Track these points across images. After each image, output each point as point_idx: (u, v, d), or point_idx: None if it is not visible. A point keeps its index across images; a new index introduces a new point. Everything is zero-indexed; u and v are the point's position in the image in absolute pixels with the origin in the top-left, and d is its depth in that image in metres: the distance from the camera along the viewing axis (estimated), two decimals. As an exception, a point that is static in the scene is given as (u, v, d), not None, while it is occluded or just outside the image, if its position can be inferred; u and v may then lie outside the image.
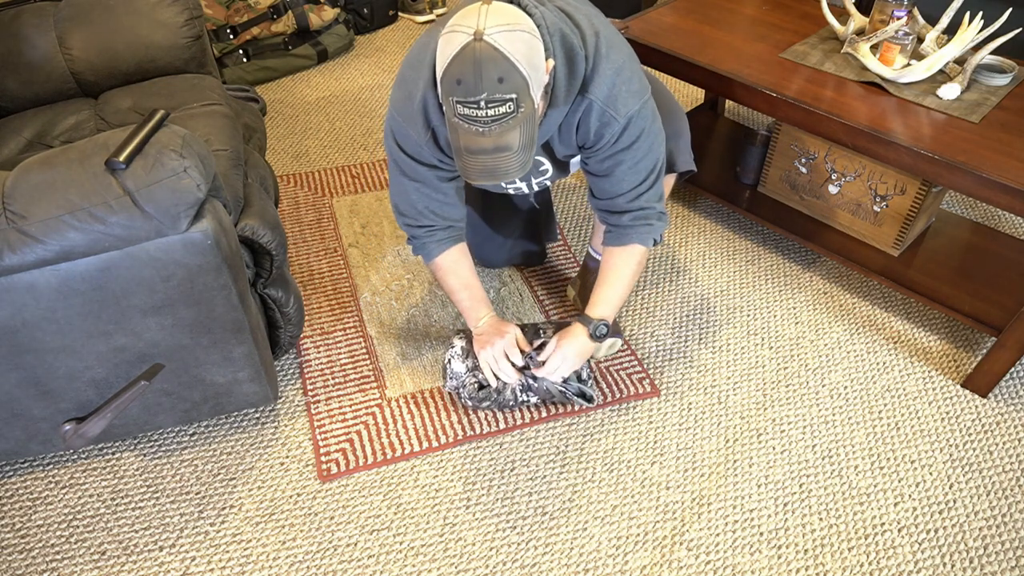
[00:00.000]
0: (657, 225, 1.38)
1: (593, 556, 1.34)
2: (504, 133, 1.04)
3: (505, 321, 1.48)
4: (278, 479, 1.46)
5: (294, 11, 2.74)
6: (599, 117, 1.22)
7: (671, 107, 1.50)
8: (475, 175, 1.10)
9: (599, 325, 1.39)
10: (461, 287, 1.46)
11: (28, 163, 1.09)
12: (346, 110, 2.59)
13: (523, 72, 1.01)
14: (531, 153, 1.10)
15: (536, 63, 1.04)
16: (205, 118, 1.56)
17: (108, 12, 1.70)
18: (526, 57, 1.02)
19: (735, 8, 1.99)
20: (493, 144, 1.05)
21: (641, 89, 1.25)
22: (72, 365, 1.22)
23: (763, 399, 1.60)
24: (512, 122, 1.03)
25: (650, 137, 1.28)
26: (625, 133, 1.24)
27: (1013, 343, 1.48)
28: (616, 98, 1.21)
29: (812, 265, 1.94)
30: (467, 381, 1.50)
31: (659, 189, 1.36)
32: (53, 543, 1.36)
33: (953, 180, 1.43)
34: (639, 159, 1.29)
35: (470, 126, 1.04)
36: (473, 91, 1.00)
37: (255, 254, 1.41)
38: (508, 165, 1.08)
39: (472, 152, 1.07)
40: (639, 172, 1.31)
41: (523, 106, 1.03)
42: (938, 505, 1.41)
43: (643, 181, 1.32)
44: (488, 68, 0.99)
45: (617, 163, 1.29)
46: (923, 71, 1.59)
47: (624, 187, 1.32)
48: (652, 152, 1.30)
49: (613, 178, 1.32)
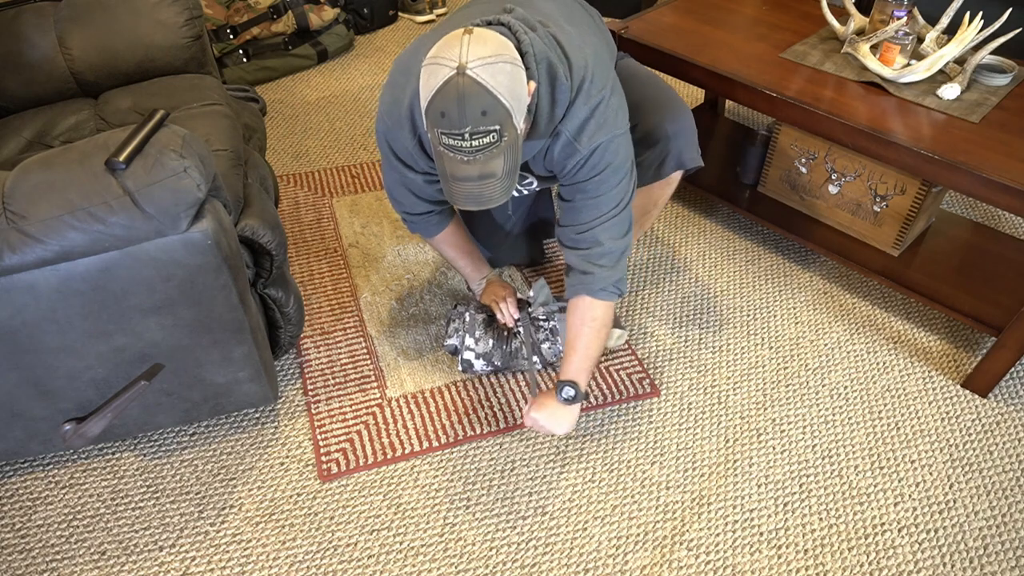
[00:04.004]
0: (600, 273, 1.32)
1: (593, 556, 1.34)
2: (488, 161, 1.07)
3: (506, 283, 1.64)
4: (278, 479, 1.46)
5: (294, 11, 2.74)
6: (564, 147, 1.23)
7: (674, 103, 1.49)
8: (461, 201, 1.13)
9: (563, 387, 1.34)
10: (461, 255, 1.62)
11: (28, 163, 1.09)
12: (346, 110, 2.59)
13: (505, 104, 1.03)
14: (514, 179, 1.13)
15: (518, 92, 1.05)
16: (205, 118, 1.56)
17: (108, 12, 1.70)
18: (508, 89, 1.03)
19: (735, 8, 1.99)
20: (478, 172, 1.08)
21: (614, 125, 1.24)
22: (72, 365, 1.22)
23: (763, 399, 1.60)
24: (496, 151, 1.06)
25: (617, 174, 1.26)
26: (587, 163, 1.24)
27: (1013, 343, 1.48)
28: (582, 130, 1.21)
29: (812, 265, 1.94)
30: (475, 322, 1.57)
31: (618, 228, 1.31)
32: (53, 543, 1.36)
33: (953, 180, 1.43)
34: (600, 193, 1.27)
35: (455, 155, 1.06)
36: (457, 124, 1.02)
37: (255, 254, 1.41)
38: (492, 192, 1.11)
39: (458, 179, 1.10)
40: (599, 207, 1.28)
41: (506, 135, 1.05)
42: (938, 505, 1.41)
43: (602, 216, 1.29)
44: (471, 102, 1.01)
45: (578, 191, 1.29)
46: (923, 71, 1.59)
47: (582, 218, 1.30)
48: (617, 189, 1.27)
49: (573, 205, 1.31)
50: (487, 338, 1.57)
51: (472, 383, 1.62)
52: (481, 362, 1.58)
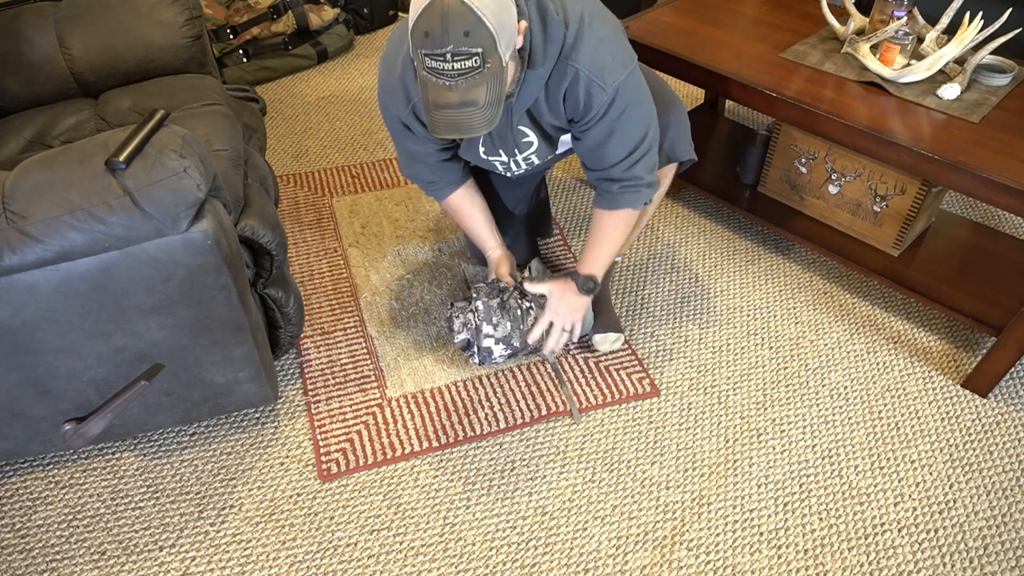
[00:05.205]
0: (645, 192, 1.41)
1: (593, 556, 1.34)
2: (470, 88, 1.07)
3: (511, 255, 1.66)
4: (278, 479, 1.46)
5: (294, 11, 2.74)
6: (587, 87, 1.24)
7: (668, 98, 1.51)
8: (442, 129, 1.13)
9: (586, 281, 1.48)
10: (471, 221, 1.62)
11: (28, 163, 1.09)
12: (346, 110, 2.59)
13: (490, 28, 1.03)
14: (498, 110, 1.13)
15: (504, 21, 1.06)
16: (205, 118, 1.56)
17: (108, 12, 1.70)
18: (494, 13, 1.04)
19: (735, 8, 1.99)
20: (459, 99, 1.08)
21: (626, 59, 1.27)
22: (72, 365, 1.22)
23: (763, 399, 1.60)
24: (478, 78, 1.06)
25: (639, 108, 1.31)
26: (613, 104, 1.26)
27: (1013, 343, 1.48)
28: (603, 68, 1.23)
29: (812, 265, 1.94)
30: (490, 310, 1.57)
31: (650, 160, 1.38)
32: (53, 543, 1.36)
33: (953, 180, 1.43)
34: (628, 129, 1.31)
35: (437, 80, 1.07)
36: (440, 43, 1.03)
37: (255, 254, 1.41)
38: (473, 120, 1.11)
39: (439, 107, 1.10)
40: (629, 143, 1.33)
41: (489, 61, 1.06)
42: (938, 505, 1.41)
43: (633, 151, 1.34)
44: (455, 21, 1.01)
45: (607, 133, 1.31)
46: (923, 71, 1.59)
47: (615, 158, 1.35)
48: (641, 122, 1.32)
49: (604, 149, 1.34)
50: (504, 322, 1.56)
51: (472, 383, 1.62)
52: (501, 347, 1.55)
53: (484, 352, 1.56)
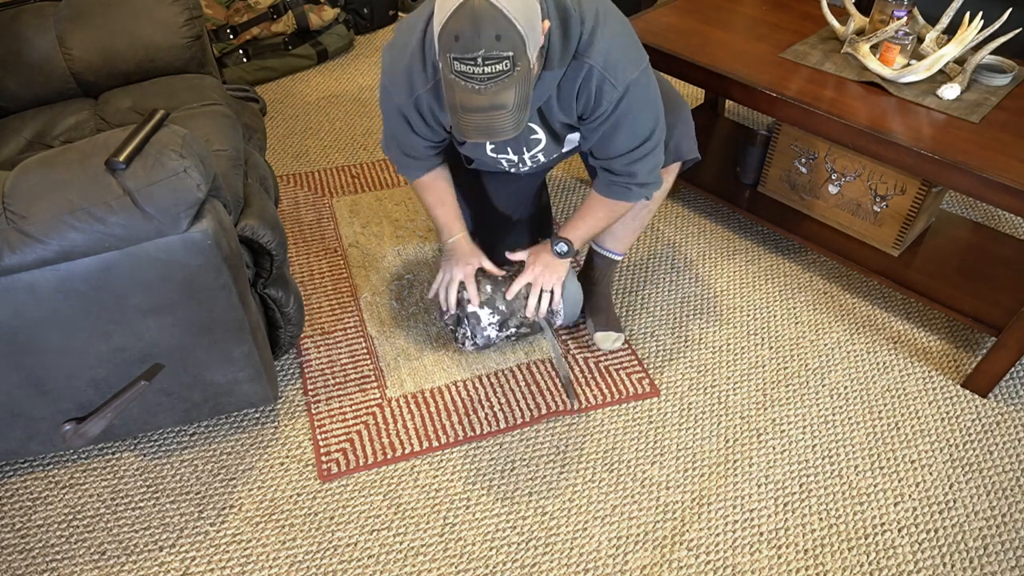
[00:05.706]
0: (636, 191, 1.42)
1: (593, 556, 1.34)
2: (500, 92, 1.05)
3: (476, 250, 1.56)
4: (278, 479, 1.46)
5: (294, 11, 2.74)
6: (599, 83, 1.24)
7: (673, 99, 1.51)
8: (472, 133, 1.11)
9: (560, 242, 1.50)
10: (437, 203, 1.56)
11: (28, 163, 1.09)
12: (346, 110, 2.59)
13: (520, 30, 1.02)
14: (526, 113, 1.11)
15: (533, 23, 1.05)
16: (205, 118, 1.56)
17: (108, 12, 1.70)
18: (524, 15, 1.02)
19: (735, 8, 1.99)
20: (489, 102, 1.06)
21: (639, 57, 1.27)
22: (72, 365, 1.22)
23: (763, 399, 1.60)
24: (508, 80, 1.04)
25: (648, 108, 1.31)
26: (623, 101, 1.26)
27: (1013, 343, 1.48)
28: (616, 65, 1.22)
29: (812, 265, 1.94)
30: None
31: (652, 161, 1.38)
32: (53, 543, 1.36)
33: (953, 180, 1.43)
34: (634, 127, 1.32)
35: (466, 83, 1.04)
36: (471, 47, 1.00)
37: (255, 254, 1.41)
38: (503, 123, 1.09)
39: (468, 110, 1.08)
40: (633, 139, 1.33)
41: (519, 65, 1.04)
42: (938, 505, 1.41)
43: (636, 149, 1.35)
44: (486, 25, 0.99)
45: (614, 128, 1.31)
46: (923, 71, 1.59)
47: (618, 151, 1.36)
48: (648, 122, 1.33)
49: (609, 141, 1.35)
50: (485, 286, 1.55)
51: (472, 383, 1.62)
52: (487, 311, 1.53)
53: (472, 321, 1.54)
